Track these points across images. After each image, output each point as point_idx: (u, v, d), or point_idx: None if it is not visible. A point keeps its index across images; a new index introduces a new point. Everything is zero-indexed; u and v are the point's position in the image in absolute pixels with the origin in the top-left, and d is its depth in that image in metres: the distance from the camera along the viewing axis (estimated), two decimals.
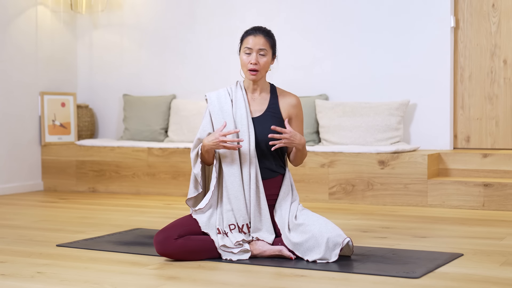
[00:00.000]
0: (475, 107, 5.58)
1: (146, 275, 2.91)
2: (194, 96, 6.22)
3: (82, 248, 3.48)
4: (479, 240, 3.65)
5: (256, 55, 3.24)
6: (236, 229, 3.21)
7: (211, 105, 3.32)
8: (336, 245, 3.06)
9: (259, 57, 3.25)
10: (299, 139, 3.20)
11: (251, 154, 3.22)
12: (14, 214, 4.74)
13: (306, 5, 5.86)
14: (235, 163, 3.22)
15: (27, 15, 6.10)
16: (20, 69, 6.04)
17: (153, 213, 4.79)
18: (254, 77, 3.26)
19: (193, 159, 3.27)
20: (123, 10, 6.48)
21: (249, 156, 3.22)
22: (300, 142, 3.21)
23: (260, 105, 3.33)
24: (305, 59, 5.87)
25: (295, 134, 3.18)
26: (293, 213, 3.24)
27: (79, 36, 6.65)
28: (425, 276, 2.85)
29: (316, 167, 5.27)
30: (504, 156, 5.10)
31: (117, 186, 5.95)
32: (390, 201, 5.07)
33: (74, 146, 6.16)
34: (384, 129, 5.38)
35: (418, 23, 5.54)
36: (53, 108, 6.27)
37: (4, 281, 2.82)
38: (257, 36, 3.27)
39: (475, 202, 4.82)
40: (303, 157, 3.33)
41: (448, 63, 5.49)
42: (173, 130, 6.10)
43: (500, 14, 5.50)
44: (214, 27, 6.17)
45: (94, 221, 4.42)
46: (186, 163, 5.69)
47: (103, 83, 6.62)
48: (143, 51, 6.45)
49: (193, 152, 3.27)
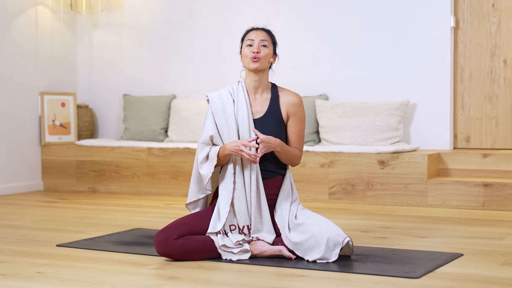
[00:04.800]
0: (475, 107, 5.58)
1: (146, 275, 2.91)
2: (194, 96, 6.22)
3: (82, 248, 3.48)
4: (479, 240, 3.65)
5: (258, 45, 3.26)
6: (237, 230, 3.21)
7: (213, 106, 3.31)
8: (336, 244, 3.06)
9: (261, 47, 3.27)
10: (274, 141, 3.19)
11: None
12: (14, 214, 4.74)
13: (306, 5, 5.86)
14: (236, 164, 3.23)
15: (27, 15, 6.10)
16: (20, 69, 6.04)
17: (153, 213, 4.79)
18: (256, 65, 3.25)
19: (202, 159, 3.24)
20: (123, 10, 6.48)
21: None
22: (275, 143, 3.20)
23: (261, 106, 3.32)
24: (305, 59, 5.87)
25: (268, 139, 3.16)
26: (293, 213, 3.24)
27: (79, 36, 6.65)
28: (425, 276, 2.85)
29: (316, 167, 5.27)
30: (504, 156, 5.10)
31: (117, 186, 5.95)
32: (390, 201, 5.07)
33: (74, 146, 6.16)
34: (384, 129, 5.38)
35: (418, 23, 5.54)
36: (53, 108, 6.27)
37: (4, 281, 2.82)
38: (258, 31, 3.32)
39: (475, 202, 4.82)
40: (288, 157, 3.28)
41: (448, 63, 5.49)
42: (173, 130, 6.10)
43: (500, 14, 5.50)
44: (214, 27, 6.18)
45: (94, 221, 4.42)
46: (186, 163, 5.69)
47: (103, 83, 6.62)
48: (143, 51, 6.45)
49: (202, 152, 3.26)
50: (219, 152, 3.21)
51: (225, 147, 3.19)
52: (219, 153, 3.21)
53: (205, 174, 3.23)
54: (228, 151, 3.18)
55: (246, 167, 3.22)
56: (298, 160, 3.33)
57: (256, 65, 3.26)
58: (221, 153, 3.20)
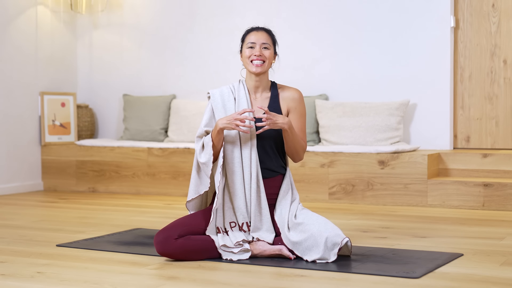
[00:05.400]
0: (475, 107, 5.58)
1: (146, 275, 2.91)
2: (194, 96, 6.22)
3: (82, 248, 3.48)
4: (479, 240, 3.65)
5: (260, 48, 3.26)
6: (236, 227, 3.22)
7: (214, 102, 3.32)
8: (335, 244, 3.06)
9: (262, 50, 3.27)
10: (283, 119, 3.18)
11: (252, 153, 3.22)
12: (14, 214, 4.74)
13: (306, 5, 5.86)
14: (236, 162, 3.22)
15: (27, 15, 6.10)
16: (20, 69, 6.04)
17: (153, 213, 4.79)
18: (259, 69, 3.27)
19: (199, 150, 3.25)
20: (123, 10, 6.48)
21: (250, 155, 3.22)
22: (284, 121, 3.18)
23: (261, 104, 3.33)
24: (305, 59, 5.87)
25: (276, 115, 3.17)
26: (293, 212, 3.24)
27: (79, 36, 6.65)
28: (425, 276, 2.85)
29: (316, 167, 5.27)
30: (504, 156, 5.10)
31: (117, 186, 5.95)
32: (390, 201, 5.07)
33: (74, 146, 6.16)
34: (384, 129, 5.38)
35: (418, 23, 5.54)
36: (53, 108, 6.27)
37: (4, 281, 2.82)
38: (259, 32, 3.31)
39: (475, 202, 4.82)
40: (295, 142, 3.26)
41: (448, 63, 5.49)
42: (173, 130, 6.10)
43: (500, 14, 5.50)
44: (213, 27, 6.18)
45: (94, 221, 4.42)
46: (186, 163, 5.69)
47: (103, 83, 6.62)
48: (143, 51, 6.45)
49: (198, 144, 3.26)
50: (212, 132, 3.21)
51: (217, 124, 3.17)
52: (212, 133, 3.21)
53: (205, 161, 3.21)
54: (221, 126, 3.15)
55: (246, 164, 3.21)
56: (302, 152, 3.32)
57: (258, 70, 3.27)
58: (213, 132, 3.19)
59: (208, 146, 3.20)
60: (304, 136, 3.34)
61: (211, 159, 3.19)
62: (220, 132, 3.18)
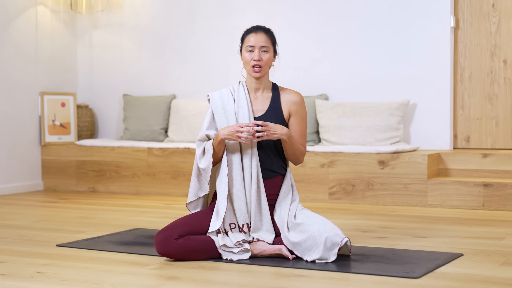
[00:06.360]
0: (475, 107, 5.58)
1: (146, 275, 2.91)
2: (194, 96, 6.22)
3: (82, 248, 3.48)
4: (479, 240, 3.65)
5: (259, 52, 3.26)
6: (237, 228, 3.22)
7: (214, 104, 3.32)
8: (334, 244, 3.06)
9: (261, 53, 3.27)
10: (281, 130, 3.20)
11: (253, 154, 3.22)
12: (14, 214, 4.74)
13: (305, 5, 5.86)
14: (236, 163, 3.23)
15: (27, 15, 6.10)
16: (20, 69, 6.04)
17: (153, 213, 4.79)
18: (258, 74, 3.27)
19: (199, 155, 3.26)
20: (123, 10, 6.48)
21: (251, 156, 3.22)
22: (282, 132, 3.20)
23: (262, 104, 3.33)
24: (305, 59, 5.87)
25: (274, 125, 3.18)
26: (293, 213, 3.24)
27: (79, 36, 6.65)
28: (425, 276, 2.85)
29: (316, 167, 5.27)
30: (504, 156, 5.10)
31: (117, 186, 5.95)
32: (390, 201, 5.07)
33: (74, 146, 6.16)
34: (384, 129, 5.38)
35: (418, 23, 5.54)
36: (53, 108, 6.27)
37: (4, 281, 2.82)
38: (258, 34, 3.29)
39: (475, 202, 4.82)
40: (294, 150, 3.28)
41: (448, 63, 5.49)
42: (173, 130, 6.10)
43: (500, 14, 5.50)
44: (214, 27, 6.18)
45: (94, 221, 4.42)
46: (186, 163, 5.69)
47: (103, 83, 6.62)
48: (143, 51, 6.45)
49: (199, 148, 3.27)
50: (213, 141, 3.21)
51: (218, 134, 3.19)
52: (213, 142, 3.21)
53: (205, 167, 3.23)
54: (223, 136, 3.17)
55: (247, 164, 3.22)
56: (302, 157, 3.34)
57: (257, 75, 3.28)
58: (215, 141, 3.21)
59: (209, 153, 3.22)
60: (304, 140, 3.35)
61: (211, 166, 3.22)
62: (221, 142, 3.19)
